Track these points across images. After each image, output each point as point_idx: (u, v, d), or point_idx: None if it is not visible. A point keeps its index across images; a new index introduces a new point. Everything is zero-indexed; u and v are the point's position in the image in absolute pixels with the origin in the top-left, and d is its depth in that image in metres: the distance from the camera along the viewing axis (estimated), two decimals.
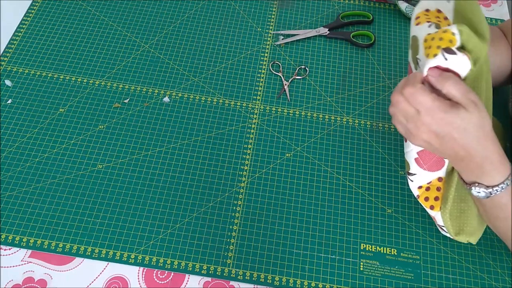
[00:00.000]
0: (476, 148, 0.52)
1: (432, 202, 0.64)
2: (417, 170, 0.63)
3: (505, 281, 0.65)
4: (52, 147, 0.74)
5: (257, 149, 0.75)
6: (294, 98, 0.81)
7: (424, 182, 0.64)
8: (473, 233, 0.64)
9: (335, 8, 0.92)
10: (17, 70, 0.81)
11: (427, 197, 0.64)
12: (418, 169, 0.62)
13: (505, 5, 0.95)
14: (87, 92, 0.79)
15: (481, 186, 0.54)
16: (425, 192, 0.64)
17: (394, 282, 0.65)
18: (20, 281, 0.63)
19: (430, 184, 0.63)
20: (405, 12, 0.89)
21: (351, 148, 0.76)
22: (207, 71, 0.83)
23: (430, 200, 0.64)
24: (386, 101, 0.81)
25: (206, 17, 0.90)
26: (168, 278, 0.64)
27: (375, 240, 0.68)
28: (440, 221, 0.64)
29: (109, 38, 0.86)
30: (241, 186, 0.71)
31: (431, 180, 0.63)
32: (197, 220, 0.68)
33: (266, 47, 0.86)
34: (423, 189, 0.64)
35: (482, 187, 0.54)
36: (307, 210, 0.70)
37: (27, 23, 0.87)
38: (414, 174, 0.63)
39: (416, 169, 0.63)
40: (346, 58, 0.86)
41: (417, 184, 0.64)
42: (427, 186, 0.64)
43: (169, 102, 0.79)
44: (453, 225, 0.63)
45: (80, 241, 0.66)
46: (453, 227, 0.63)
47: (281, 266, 0.65)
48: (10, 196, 0.69)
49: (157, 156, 0.74)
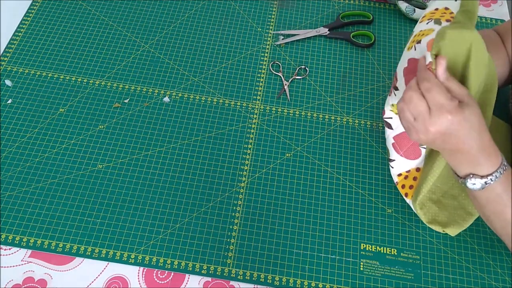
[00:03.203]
0: (476, 141, 0.53)
1: (407, 190, 0.67)
2: (395, 156, 0.66)
3: (505, 281, 0.65)
4: (52, 147, 0.74)
5: (257, 149, 0.75)
6: (294, 98, 0.81)
7: (403, 170, 0.67)
8: (448, 225, 0.65)
9: (335, 8, 0.92)
10: (17, 70, 0.81)
11: (403, 185, 0.68)
12: (396, 155, 0.66)
13: (505, 5, 0.95)
14: (87, 92, 0.79)
15: (476, 177, 0.54)
16: (403, 180, 0.68)
17: (394, 282, 0.65)
18: (20, 281, 0.63)
19: (409, 172, 0.67)
20: (405, 12, 0.89)
21: (351, 148, 0.76)
22: (207, 71, 0.83)
23: (406, 188, 0.67)
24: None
25: (206, 17, 0.90)
26: (168, 278, 0.64)
27: (375, 240, 0.68)
28: (413, 209, 0.67)
29: (109, 38, 0.86)
30: (241, 186, 0.71)
31: (410, 169, 0.67)
32: (197, 220, 0.68)
33: (266, 47, 0.86)
34: (402, 176, 0.68)
35: (477, 177, 0.54)
36: (307, 210, 0.70)
37: (27, 23, 0.87)
38: (394, 160, 0.67)
39: (394, 155, 0.66)
40: (346, 58, 0.86)
41: (397, 171, 0.68)
42: (406, 175, 0.67)
43: (169, 102, 0.79)
44: (425, 214, 0.66)
45: (80, 241, 0.66)
46: (425, 216, 0.66)
47: (281, 266, 0.65)
48: (10, 196, 0.69)
49: (157, 156, 0.74)
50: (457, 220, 0.65)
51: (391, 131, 0.66)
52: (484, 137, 0.54)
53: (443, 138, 0.53)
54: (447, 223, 0.65)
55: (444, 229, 0.66)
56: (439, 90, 0.52)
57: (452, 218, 0.65)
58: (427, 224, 0.66)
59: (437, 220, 0.66)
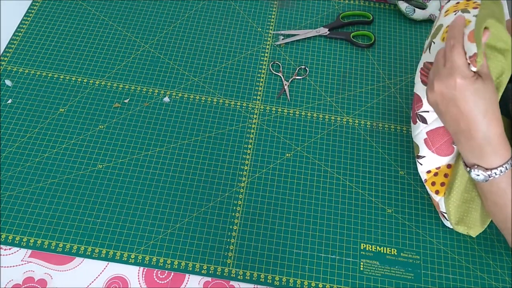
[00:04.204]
0: (479, 123, 0.51)
1: (438, 187, 0.64)
2: (426, 153, 0.63)
3: (505, 281, 0.65)
4: (52, 147, 0.74)
5: (257, 149, 0.75)
6: (294, 98, 0.81)
7: (433, 167, 0.64)
8: (473, 225, 0.64)
9: (335, 8, 0.92)
10: (17, 70, 0.81)
11: (433, 182, 0.65)
12: (427, 151, 0.63)
13: (505, 5, 0.95)
14: (87, 92, 0.79)
15: (480, 169, 0.54)
16: (433, 177, 0.65)
17: (394, 282, 0.65)
18: (20, 281, 0.63)
19: (439, 169, 0.64)
20: (405, 12, 0.89)
21: (351, 148, 0.76)
22: (207, 71, 0.83)
23: (437, 185, 0.65)
24: (386, 101, 0.81)
25: (206, 17, 0.90)
26: (168, 278, 0.64)
27: (375, 240, 0.68)
28: (443, 207, 0.65)
29: (109, 38, 0.86)
30: (241, 186, 0.71)
31: (440, 165, 0.64)
32: (197, 220, 0.68)
33: (266, 47, 0.86)
34: (432, 174, 0.65)
35: (481, 169, 0.54)
36: (307, 210, 0.70)
37: (27, 23, 0.87)
38: (423, 156, 0.64)
39: (425, 151, 0.63)
40: (346, 58, 0.86)
41: (426, 168, 0.65)
42: (436, 172, 0.64)
43: (169, 102, 0.79)
44: (454, 213, 0.64)
45: (80, 241, 0.66)
46: (454, 215, 0.64)
47: (281, 266, 0.65)
48: (10, 196, 0.69)
49: (157, 156, 0.74)
50: (480, 221, 0.64)
51: (425, 125, 0.63)
52: (493, 126, 0.52)
53: (446, 102, 0.52)
54: (472, 224, 0.64)
55: (468, 230, 0.65)
56: (460, 50, 0.51)
57: (477, 219, 0.64)
58: (454, 226, 0.65)
59: (464, 220, 0.64)
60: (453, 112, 0.52)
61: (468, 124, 0.52)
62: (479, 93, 0.50)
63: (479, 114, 0.51)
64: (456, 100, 0.51)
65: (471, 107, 0.51)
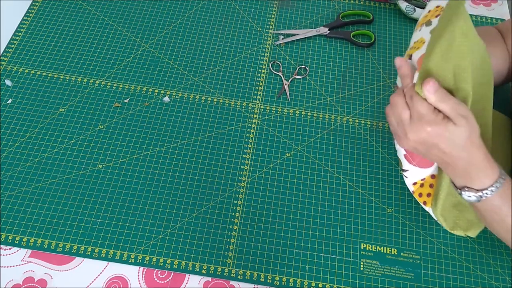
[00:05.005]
0: (460, 155, 0.52)
1: (425, 198, 0.65)
2: (408, 166, 0.64)
3: (505, 281, 0.65)
4: (52, 147, 0.74)
5: (257, 149, 0.75)
6: (294, 97, 0.80)
7: (418, 179, 0.65)
8: (470, 227, 0.65)
9: (335, 8, 0.92)
10: (17, 70, 0.81)
11: (420, 193, 0.65)
12: (408, 165, 0.64)
13: (505, 5, 0.95)
14: (87, 92, 0.79)
15: (471, 190, 0.54)
16: (419, 188, 0.65)
17: (394, 282, 0.65)
18: (20, 281, 0.63)
19: (424, 180, 0.65)
20: (405, 11, 0.89)
21: (351, 148, 0.76)
22: (207, 71, 0.83)
23: (423, 196, 0.65)
24: (386, 100, 0.81)
25: (206, 17, 0.90)
26: (168, 278, 0.64)
27: (375, 240, 0.68)
28: (434, 217, 0.66)
29: (109, 38, 0.86)
30: (241, 186, 0.71)
31: (425, 176, 0.64)
32: (197, 220, 0.68)
33: (266, 46, 0.86)
34: (418, 185, 0.65)
35: (472, 191, 0.54)
36: (307, 210, 0.70)
37: (27, 23, 0.87)
38: (407, 170, 0.64)
39: (407, 165, 0.64)
40: (346, 58, 0.85)
41: (411, 181, 0.65)
42: (421, 183, 0.65)
43: (169, 102, 0.79)
44: (446, 221, 0.65)
45: (80, 241, 0.66)
46: (446, 222, 0.65)
47: (281, 266, 0.65)
48: (10, 196, 0.69)
49: (157, 156, 0.74)
50: (476, 221, 0.64)
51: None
52: (475, 153, 0.52)
53: (425, 147, 0.53)
54: (468, 226, 0.64)
55: (466, 232, 0.65)
56: (420, 98, 0.51)
57: (471, 219, 0.64)
58: (450, 231, 0.66)
59: (458, 224, 0.65)
60: (434, 152, 0.54)
61: (451, 158, 0.53)
62: (454, 133, 0.51)
63: (459, 150, 0.52)
64: (435, 144, 0.52)
65: (451, 146, 0.52)
